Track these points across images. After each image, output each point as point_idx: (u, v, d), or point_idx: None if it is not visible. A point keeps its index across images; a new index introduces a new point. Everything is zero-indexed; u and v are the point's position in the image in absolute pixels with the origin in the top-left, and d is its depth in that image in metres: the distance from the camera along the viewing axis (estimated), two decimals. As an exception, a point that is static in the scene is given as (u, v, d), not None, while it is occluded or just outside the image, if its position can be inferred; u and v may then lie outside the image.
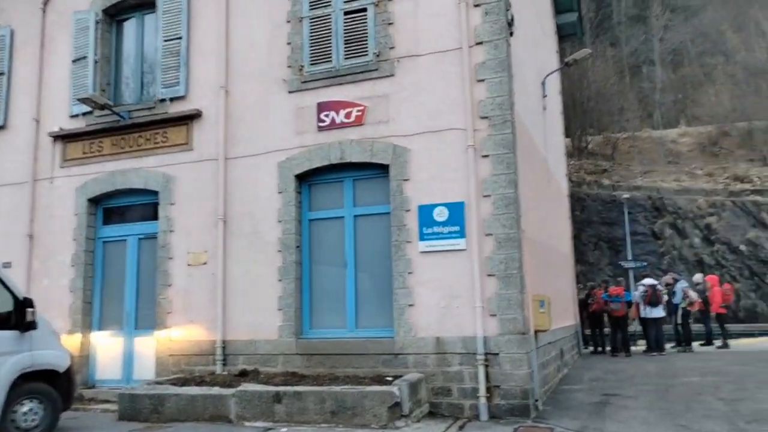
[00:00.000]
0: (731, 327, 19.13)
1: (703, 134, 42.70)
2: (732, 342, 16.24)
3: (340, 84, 9.19)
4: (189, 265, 9.63)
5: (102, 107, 10.24)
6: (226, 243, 9.47)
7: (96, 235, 10.66)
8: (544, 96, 12.06)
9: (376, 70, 9.02)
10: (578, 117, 45.13)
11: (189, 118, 10.04)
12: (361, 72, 9.09)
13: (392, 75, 8.94)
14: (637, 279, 19.49)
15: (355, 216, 9.07)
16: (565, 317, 13.13)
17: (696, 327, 16.13)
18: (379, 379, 7.81)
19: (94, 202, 10.67)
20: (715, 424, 7.17)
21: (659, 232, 34.38)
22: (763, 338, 19.71)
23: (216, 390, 7.74)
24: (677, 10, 51.64)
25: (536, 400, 8.10)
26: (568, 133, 48.70)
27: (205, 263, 9.53)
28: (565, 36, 17.05)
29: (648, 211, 35.19)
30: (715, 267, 30.79)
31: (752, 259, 31.75)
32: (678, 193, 34.98)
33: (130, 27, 11.17)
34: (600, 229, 36.28)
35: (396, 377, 7.78)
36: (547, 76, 12.21)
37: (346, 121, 9.06)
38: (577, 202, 36.85)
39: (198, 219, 9.71)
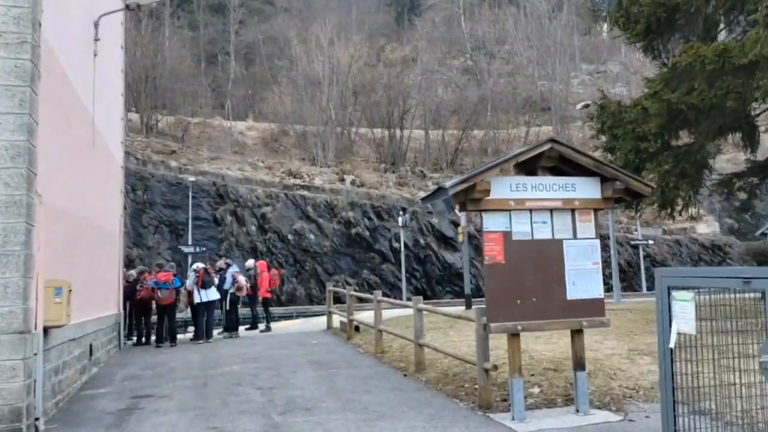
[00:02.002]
0: (274, 310, 20.32)
1: (267, 130, 46.05)
2: (274, 325, 17.01)
3: None
4: None
5: None
6: None
7: None
8: (97, 39, 9.93)
9: None
10: (150, 93, 42.90)
11: None
12: None
13: None
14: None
15: None
16: (104, 306, 11.19)
17: (243, 311, 16.29)
18: None
19: None
20: (250, 419, 6.59)
21: (220, 219, 35.11)
22: (300, 319, 21.62)
23: None
24: (253, 11, 54.60)
25: (37, 419, 6.12)
26: (137, 108, 45.74)
27: None
28: (136, -13, 14.97)
29: (212, 197, 35.57)
30: (267, 254, 33.11)
31: (297, 247, 35.40)
32: (240, 182, 36.44)
33: None
34: (163, 211, 34.93)
35: None
36: (103, 15, 10.11)
37: None
38: (140, 181, 34.62)
39: None
